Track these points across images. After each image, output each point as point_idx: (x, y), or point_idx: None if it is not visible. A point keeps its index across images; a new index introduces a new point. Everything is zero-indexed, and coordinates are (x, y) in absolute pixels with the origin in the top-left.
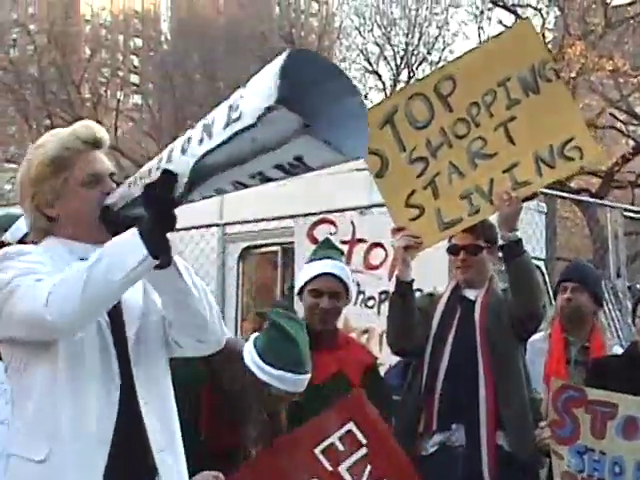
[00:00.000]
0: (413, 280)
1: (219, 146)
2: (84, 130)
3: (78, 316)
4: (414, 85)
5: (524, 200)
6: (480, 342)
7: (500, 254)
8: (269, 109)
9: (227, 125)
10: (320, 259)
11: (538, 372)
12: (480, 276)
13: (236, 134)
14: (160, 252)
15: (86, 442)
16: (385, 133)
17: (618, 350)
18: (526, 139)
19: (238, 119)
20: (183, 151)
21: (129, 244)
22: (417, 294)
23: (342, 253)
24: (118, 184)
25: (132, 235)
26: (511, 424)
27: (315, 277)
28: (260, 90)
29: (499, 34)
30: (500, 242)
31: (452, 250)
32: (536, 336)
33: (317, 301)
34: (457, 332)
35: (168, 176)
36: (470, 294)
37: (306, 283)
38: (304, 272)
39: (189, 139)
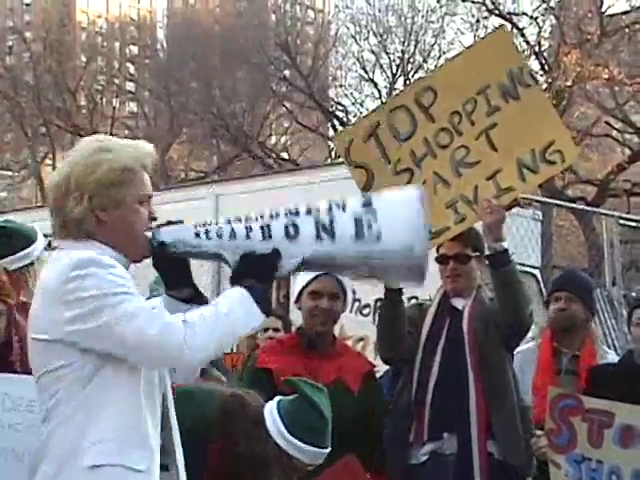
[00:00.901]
0: (402, 289)
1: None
2: (150, 151)
3: (207, 356)
4: (395, 98)
5: (509, 208)
6: (469, 352)
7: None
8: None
9: (358, 237)
10: None
11: (527, 383)
12: (468, 285)
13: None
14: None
15: (157, 452)
16: (370, 147)
17: (614, 359)
18: (508, 145)
19: (375, 241)
20: (288, 236)
21: (249, 307)
22: (408, 303)
23: None
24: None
25: (247, 298)
26: (501, 432)
27: (314, 279)
28: (405, 225)
29: (476, 42)
30: (486, 252)
31: (441, 260)
32: (528, 345)
33: (317, 303)
34: (446, 342)
35: (275, 256)
36: (458, 303)
37: (304, 287)
38: (301, 277)
39: (295, 226)
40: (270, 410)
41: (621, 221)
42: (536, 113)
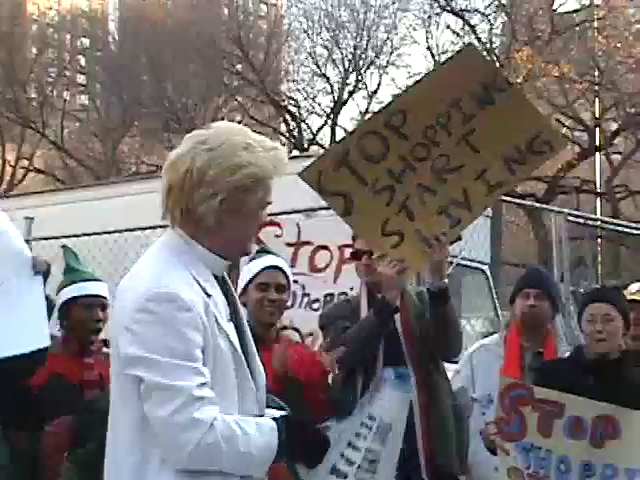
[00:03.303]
0: (398, 307)
1: None
2: (284, 157)
3: (195, 467)
4: (362, 126)
5: (451, 243)
6: (406, 348)
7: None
8: None
9: None
10: (261, 257)
11: (494, 378)
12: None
13: None
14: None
15: None
16: (342, 174)
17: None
18: (491, 145)
19: None
20: None
21: (264, 467)
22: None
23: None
24: None
25: (268, 463)
26: (434, 431)
27: (260, 272)
28: None
29: (444, 62)
30: (429, 288)
31: (355, 255)
32: (490, 339)
33: (265, 294)
34: (386, 345)
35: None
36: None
37: (250, 280)
38: (247, 271)
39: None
40: None
41: (570, 218)
42: (515, 112)
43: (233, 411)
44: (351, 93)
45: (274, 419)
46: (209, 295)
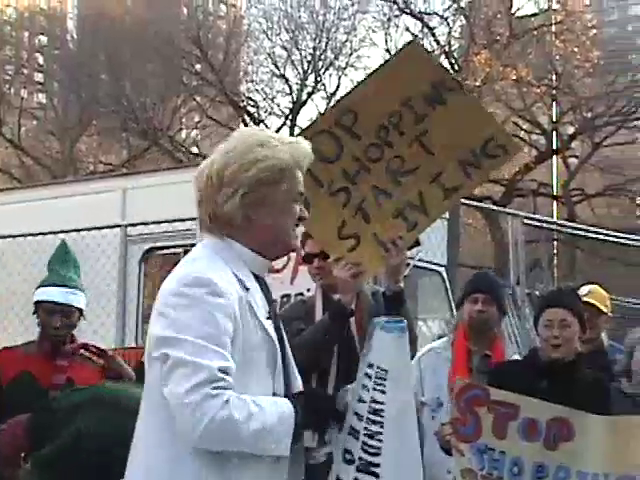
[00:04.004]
0: (353, 310)
1: None
2: (307, 150)
3: (210, 446)
4: (314, 125)
5: (409, 248)
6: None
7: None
8: None
9: None
10: None
11: (442, 381)
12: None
13: None
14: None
15: None
16: None
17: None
18: (444, 147)
19: None
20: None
21: (283, 442)
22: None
23: None
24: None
25: (287, 437)
26: None
27: None
28: None
29: (388, 60)
30: (385, 292)
31: (306, 259)
32: (438, 343)
33: None
34: (340, 347)
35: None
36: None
37: None
38: None
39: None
40: None
41: (526, 221)
42: (467, 113)
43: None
44: (310, 94)
45: (288, 396)
46: (247, 289)
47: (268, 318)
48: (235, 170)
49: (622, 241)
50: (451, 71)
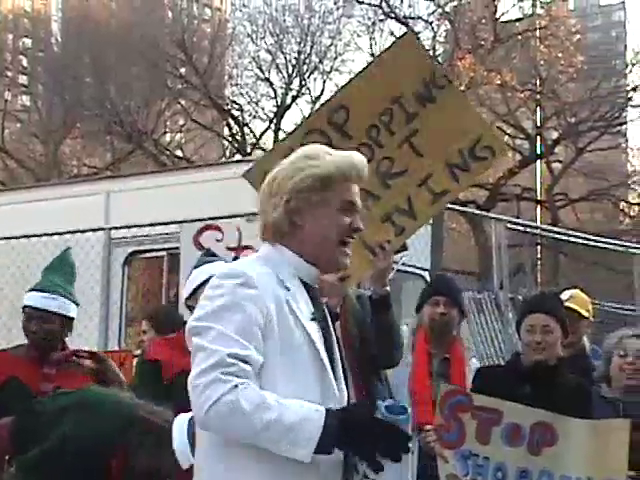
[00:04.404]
0: (338, 314)
1: None
2: (358, 163)
3: (214, 430)
4: (306, 123)
5: (397, 252)
6: (346, 353)
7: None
8: None
9: None
10: (212, 262)
11: (402, 383)
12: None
13: None
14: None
15: None
16: None
17: (475, 363)
18: (433, 149)
19: None
20: None
21: (302, 446)
22: None
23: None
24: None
25: (309, 442)
26: None
27: (208, 279)
28: None
29: (383, 52)
30: (371, 295)
31: None
32: None
33: None
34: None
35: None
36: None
37: (200, 285)
38: (197, 273)
39: None
40: (180, 427)
41: (509, 225)
42: (456, 113)
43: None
44: (294, 98)
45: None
46: (288, 289)
47: (313, 319)
48: (281, 179)
49: (605, 246)
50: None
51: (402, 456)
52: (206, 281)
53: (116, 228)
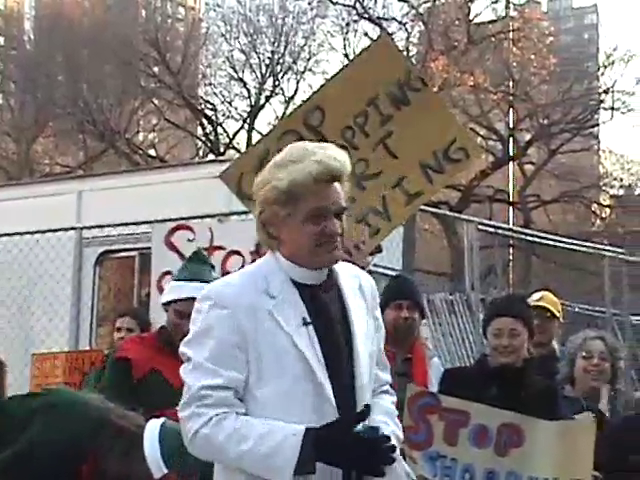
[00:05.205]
0: None
1: None
2: (317, 166)
3: (201, 457)
4: (282, 123)
5: (371, 254)
6: None
7: None
8: None
9: None
10: (191, 280)
11: None
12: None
13: None
14: None
15: None
16: None
17: (437, 363)
18: (408, 150)
19: None
20: None
21: (281, 470)
22: None
23: (212, 267)
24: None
25: (288, 466)
26: None
27: (182, 299)
28: None
29: (359, 53)
30: None
31: None
32: None
33: (180, 322)
34: None
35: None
36: None
37: (174, 300)
38: (173, 288)
39: None
40: (151, 433)
41: (480, 227)
42: (430, 115)
43: (278, 409)
44: (268, 98)
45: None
46: (274, 297)
47: (306, 324)
48: (256, 187)
49: (576, 248)
50: None
51: (385, 469)
52: (175, 301)
53: (88, 228)
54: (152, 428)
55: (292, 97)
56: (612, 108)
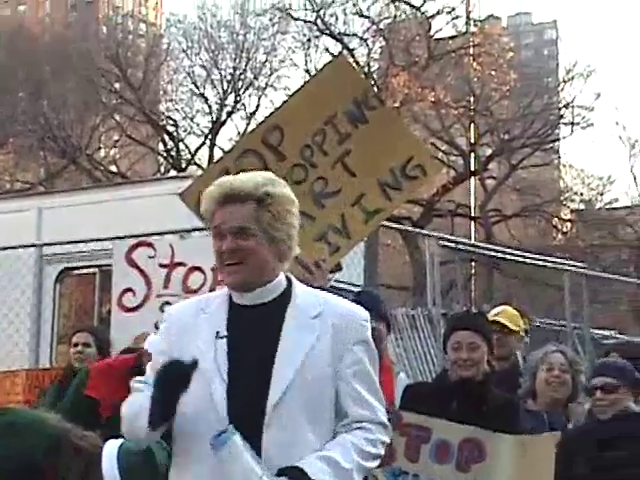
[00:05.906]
0: None
1: None
2: (214, 189)
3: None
4: (242, 142)
5: (332, 271)
6: None
7: None
8: None
9: None
10: None
11: None
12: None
13: None
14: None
15: None
16: None
17: (403, 378)
18: (366, 168)
19: None
20: None
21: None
22: None
23: None
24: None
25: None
26: None
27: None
28: None
29: (317, 72)
30: None
31: None
32: None
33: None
34: None
35: None
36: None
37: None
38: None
39: None
40: (110, 454)
41: (441, 242)
42: (387, 133)
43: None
44: (230, 114)
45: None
46: (206, 313)
47: (220, 337)
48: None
49: (537, 262)
50: None
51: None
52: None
53: (48, 245)
54: (110, 449)
55: (254, 113)
56: (572, 123)
